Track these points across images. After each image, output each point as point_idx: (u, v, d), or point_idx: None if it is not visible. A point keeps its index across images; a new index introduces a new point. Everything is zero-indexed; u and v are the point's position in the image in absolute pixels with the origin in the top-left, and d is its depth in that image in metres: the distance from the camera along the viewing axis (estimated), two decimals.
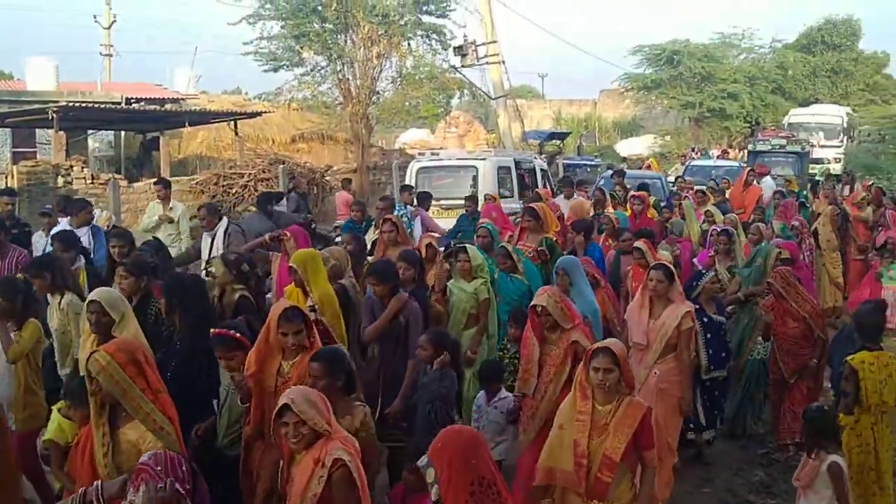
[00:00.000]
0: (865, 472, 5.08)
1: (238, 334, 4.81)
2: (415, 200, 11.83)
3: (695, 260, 9.10)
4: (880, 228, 11.82)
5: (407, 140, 36.95)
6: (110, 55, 37.79)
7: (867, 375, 5.09)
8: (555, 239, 8.62)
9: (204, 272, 7.16)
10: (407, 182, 14.03)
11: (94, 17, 38.22)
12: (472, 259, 6.90)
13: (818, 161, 26.73)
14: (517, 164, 15.09)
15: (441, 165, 14.75)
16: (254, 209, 21.63)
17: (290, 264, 6.01)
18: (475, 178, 14.04)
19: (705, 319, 6.81)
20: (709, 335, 6.83)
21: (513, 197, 14.04)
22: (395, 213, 11.51)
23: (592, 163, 25.84)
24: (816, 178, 22.49)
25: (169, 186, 10.78)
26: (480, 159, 14.50)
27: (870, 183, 17.10)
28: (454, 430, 3.25)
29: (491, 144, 30.32)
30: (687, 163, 23.57)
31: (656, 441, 4.43)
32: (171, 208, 10.46)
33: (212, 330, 4.86)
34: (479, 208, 11.35)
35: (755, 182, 14.76)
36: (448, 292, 6.97)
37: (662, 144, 38.73)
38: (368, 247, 8.50)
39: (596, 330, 6.22)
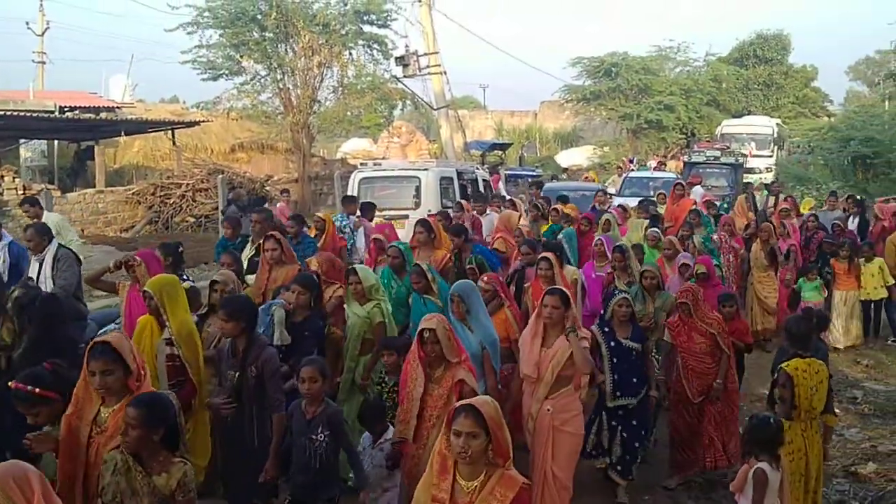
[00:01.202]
0: (797, 478, 5.13)
1: (37, 389, 4.10)
2: (358, 211, 11.75)
3: (593, 274, 8.72)
4: (779, 239, 11.76)
5: (349, 150, 36.87)
6: (43, 62, 36.79)
7: (800, 382, 5.16)
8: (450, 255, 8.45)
9: None
10: (349, 192, 13.99)
11: (27, 23, 37.06)
12: (363, 280, 6.47)
13: (751, 171, 27.43)
14: (459, 174, 15.18)
15: (384, 176, 14.70)
16: (192, 219, 21.68)
17: (146, 289, 5.56)
18: (418, 189, 14.10)
19: (612, 343, 6.35)
20: (615, 360, 6.34)
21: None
22: (338, 223, 11.48)
23: (534, 173, 26.09)
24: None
25: (30, 203, 9.59)
26: (423, 170, 14.52)
27: (794, 195, 17.54)
28: None
29: (433, 155, 30.41)
30: (624, 174, 23.65)
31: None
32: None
33: (10, 383, 4.18)
34: (303, 229, 9.78)
35: (686, 194, 14.41)
36: (346, 316, 6.51)
37: (601, 155, 39.32)
38: (245, 266, 7.91)
39: (494, 360, 5.89)
